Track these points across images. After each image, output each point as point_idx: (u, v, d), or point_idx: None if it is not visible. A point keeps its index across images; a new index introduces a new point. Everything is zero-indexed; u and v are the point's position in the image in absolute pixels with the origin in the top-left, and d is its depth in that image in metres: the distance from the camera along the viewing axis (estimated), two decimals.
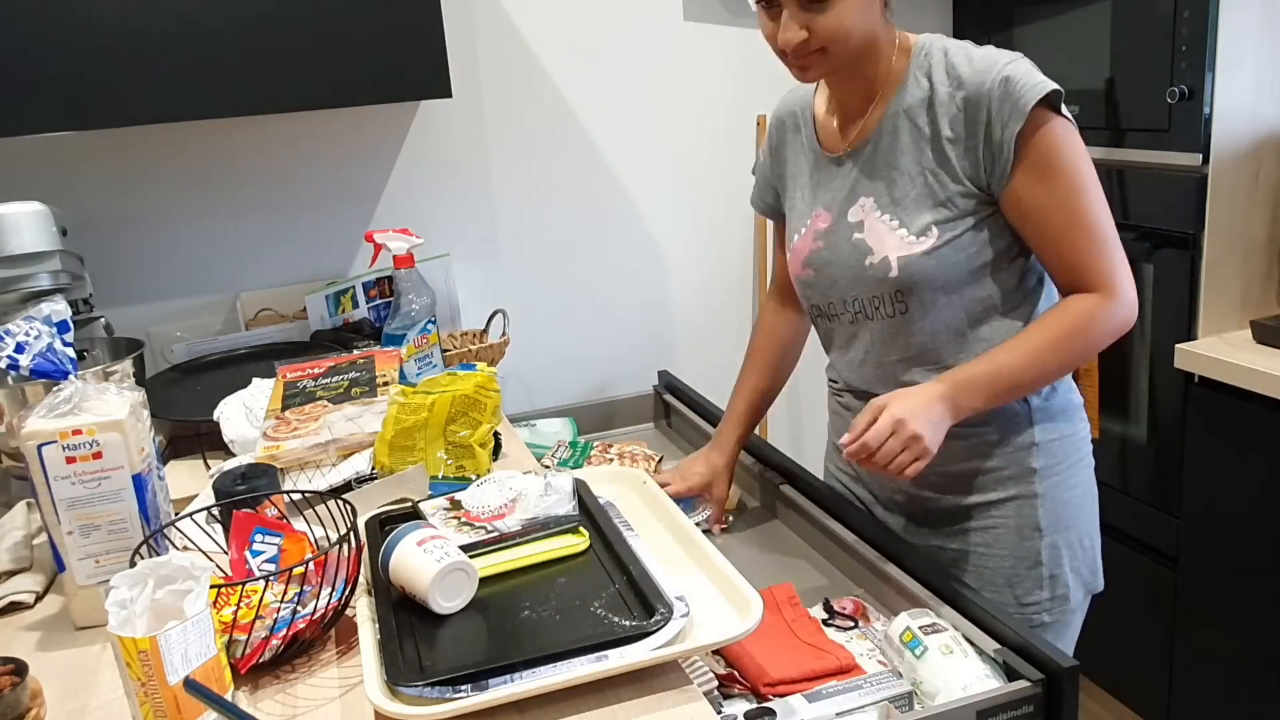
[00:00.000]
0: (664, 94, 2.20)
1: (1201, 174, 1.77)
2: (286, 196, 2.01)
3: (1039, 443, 1.26)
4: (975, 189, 1.17)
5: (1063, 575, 1.27)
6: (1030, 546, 1.26)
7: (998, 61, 1.14)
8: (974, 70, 1.14)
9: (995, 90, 1.12)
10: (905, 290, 1.20)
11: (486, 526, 1.11)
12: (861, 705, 1.00)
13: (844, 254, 1.25)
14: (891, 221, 1.20)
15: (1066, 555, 1.27)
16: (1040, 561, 1.26)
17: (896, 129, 1.20)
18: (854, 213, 1.24)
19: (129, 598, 0.87)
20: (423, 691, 0.85)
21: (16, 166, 1.82)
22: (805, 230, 1.31)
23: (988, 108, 1.13)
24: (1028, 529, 1.26)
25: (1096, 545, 1.32)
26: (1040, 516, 1.26)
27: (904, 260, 1.19)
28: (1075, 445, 1.29)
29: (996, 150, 1.13)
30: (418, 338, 1.63)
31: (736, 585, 0.98)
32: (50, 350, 1.04)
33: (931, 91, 1.17)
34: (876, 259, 1.21)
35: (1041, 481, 1.26)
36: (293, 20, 1.62)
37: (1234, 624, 1.82)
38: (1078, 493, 1.29)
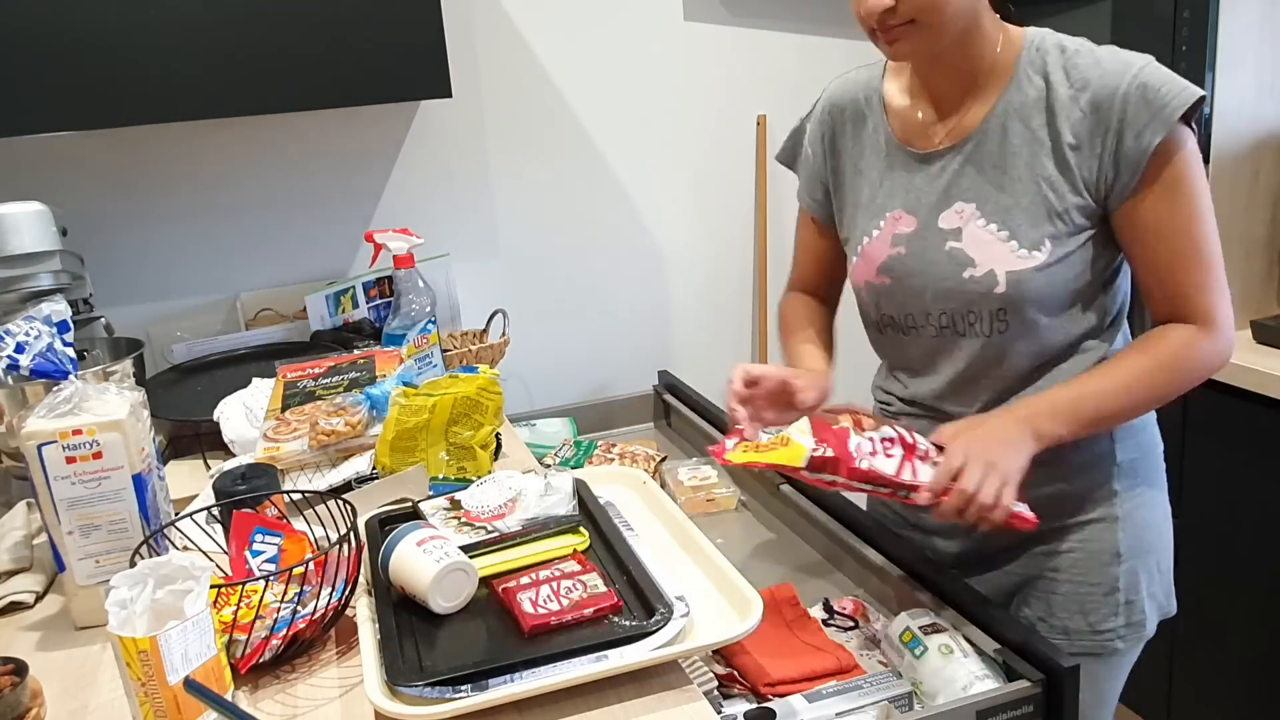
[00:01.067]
0: (664, 94, 2.20)
1: None
2: (286, 196, 2.01)
3: (1121, 463, 1.18)
4: (1092, 202, 1.07)
5: (1139, 601, 1.20)
6: (1108, 573, 1.18)
7: (1131, 64, 1.04)
8: (1104, 72, 1.04)
9: (1131, 94, 1.02)
10: (1010, 308, 1.10)
11: (486, 526, 1.11)
12: (861, 705, 1.00)
13: (935, 263, 1.13)
14: (1000, 232, 1.09)
15: (1144, 581, 1.20)
16: (1117, 588, 1.18)
17: (1006, 129, 1.09)
18: (948, 218, 1.13)
19: (129, 598, 0.87)
20: (423, 691, 0.85)
21: (16, 166, 1.82)
22: (879, 233, 1.18)
23: (1120, 114, 1.03)
24: (1106, 554, 1.18)
25: (1172, 569, 1.24)
26: (1120, 541, 1.18)
27: (1014, 276, 1.08)
28: (1155, 464, 1.22)
29: (1126, 161, 1.04)
30: (418, 338, 1.63)
31: (736, 585, 0.98)
32: (50, 350, 1.04)
33: (1049, 92, 1.07)
34: (979, 271, 1.10)
35: (1122, 504, 1.18)
36: (292, 20, 1.62)
37: (1234, 624, 1.82)
38: (1157, 514, 1.21)
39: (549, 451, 1.77)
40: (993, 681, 1.03)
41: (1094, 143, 1.05)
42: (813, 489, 1.45)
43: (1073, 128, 1.06)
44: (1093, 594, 1.19)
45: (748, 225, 2.34)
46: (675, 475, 1.65)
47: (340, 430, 1.34)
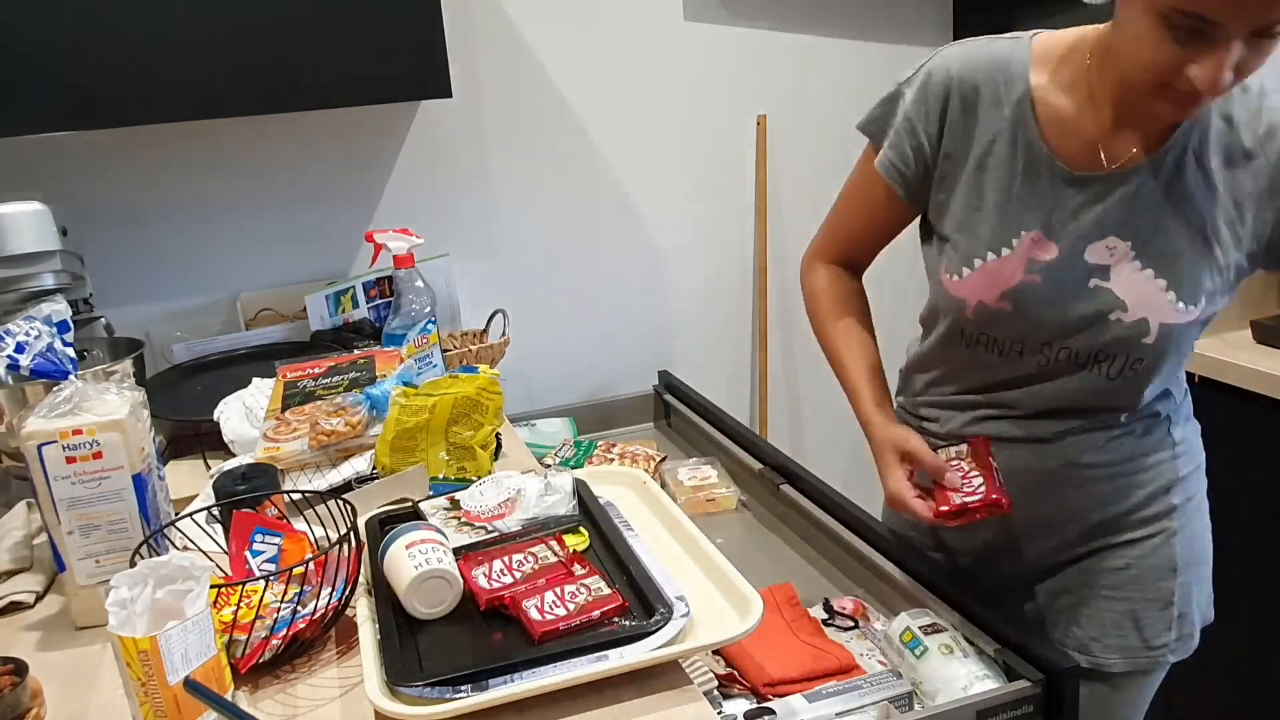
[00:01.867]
0: (664, 94, 2.20)
1: None
2: (286, 196, 2.01)
3: (1181, 477, 1.14)
4: (1248, 262, 1.01)
5: (1191, 614, 1.17)
6: (1164, 588, 1.14)
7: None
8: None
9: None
10: (1152, 356, 1.04)
11: (486, 526, 1.11)
12: (861, 705, 1.00)
13: (1075, 299, 1.04)
14: (1157, 279, 1.00)
15: (1195, 592, 1.17)
16: (1172, 602, 1.15)
17: (1181, 168, 0.99)
18: (1095, 252, 1.02)
19: (129, 598, 0.87)
20: (423, 691, 0.85)
21: (16, 166, 1.82)
22: (1010, 253, 1.06)
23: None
24: (1164, 569, 1.14)
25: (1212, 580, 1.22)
26: (1178, 555, 1.14)
27: (1167, 328, 1.01)
28: (1201, 477, 1.18)
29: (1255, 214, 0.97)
30: (418, 338, 1.63)
31: (736, 585, 0.98)
32: (50, 350, 1.04)
33: (1229, 132, 0.98)
34: (1129, 317, 1.02)
35: (1179, 517, 1.14)
36: (292, 20, 1.61)
37: (1234, 624, 1.82)
38: (1206, 521, 1.18)
39: (549, 451, 1.77)
40: (993, 681, 1.03)
41: (1274, 199, 0.97)
42: (812, 489, 1.46)
43: (1254, 178, 0.98)
44: (1148, 610, 1.15)
45: (748, 225, 2.34)
46: (675, 475, 1.65)
47: (340, 430, 1.34)
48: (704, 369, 2.37)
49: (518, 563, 0.99)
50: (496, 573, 0.97)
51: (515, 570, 0.98)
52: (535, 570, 0.98)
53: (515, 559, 1.00)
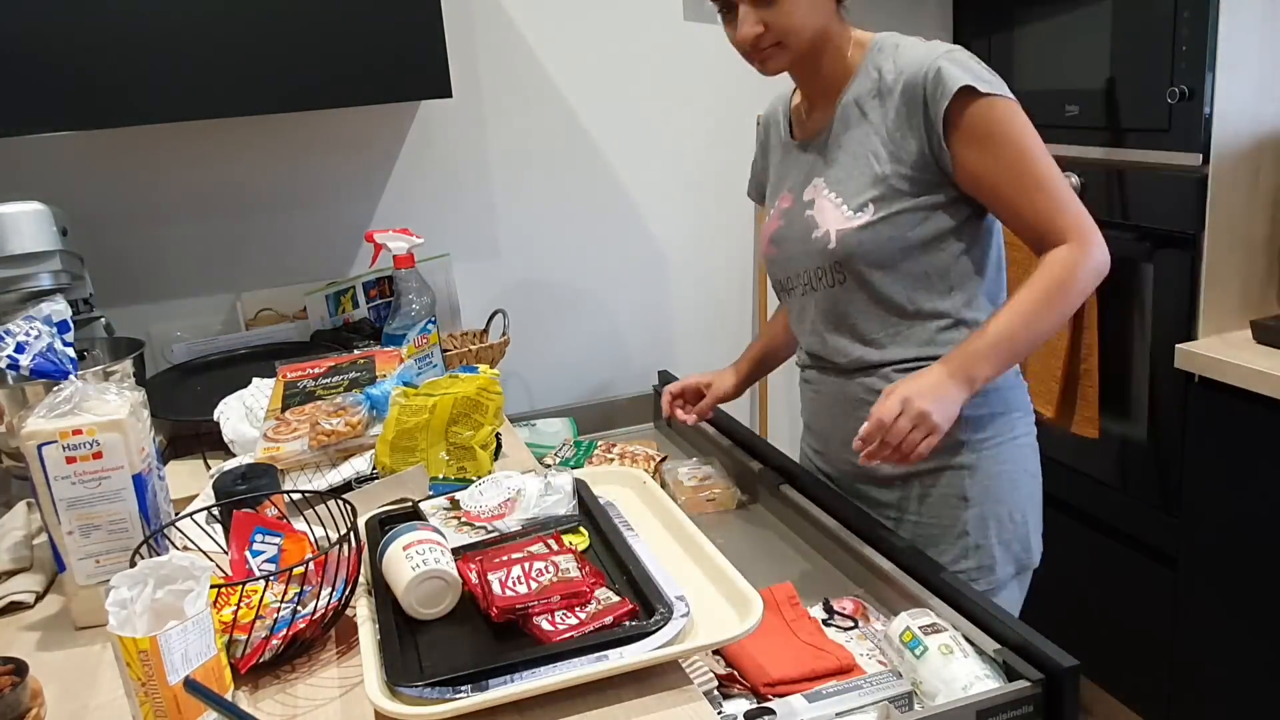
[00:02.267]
0: (664, 94, 2.20)
1: (1201, 174, 1.77)
2: (286, 196, 2.01)
3: (966, 416, 1.28)
4: (917, 171, 1.23)
5: (988, 546, 1.32)
6: (957, 515, 1.32)
7: (936, 49, 1.22)
8: (914, 57, 1.23)
9: (930, 74, 1.20)
10: (842, 262, 1.28)
11: (486, 526, 1.11)
12: (861, 705, 1.00)
13: (797, 230, 1.34)
14: (835, 199, 1.29)
15: (994, 527, 1.32)
16: (966, 531, 1.32)
17: (847, 116, 1.29)
18: (808, 192, 1.33)
19: (129, 598, 0.87)
20: (423, 692, 0.85)
21: (16, 166, 1.82)
22: (774, 212, 1.41)
23: (923, 90, 1.21)
24: (954, 498, 1.32)
25: (1030, 521, 1.36)
26: (966, 487, 1.32)
27: (841, 234, 1.27)
28: (1008, 424, 1.34)
29: (930, 128, 1.21)
30: (418, 338, 1.63)
31: (736, 585, 0.98)
32: (50, 350, 1.04)
33: (879, 80, 1.26)
34: (819, 232, 1.29)
35: (968, 454, 1.31)
36: (293, 20, 1.62)
37: (1234, 624, 1.82)
38: (1009, 468, 1.33)
39: (549, 451, 1.77)
40: (993, 681, 1.03)
41: (911, 115, 1.22)
42: (813, 489, 1.46)
43: (894, 105, 1.24)
44: (943, 535, 1.34)
45: (748, 225, 2.34)
46: (675, 475, 1.65)
47: (340, 430, 1.34)
48: (704, 369, 2.36)
49: (536, 571, 0.99)
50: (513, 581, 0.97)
51: (533, 579, 0.98)
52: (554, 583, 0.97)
53: (536, 567, 0.99)
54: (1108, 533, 2.08)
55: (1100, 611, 2.13)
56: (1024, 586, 1.39)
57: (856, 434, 1.21)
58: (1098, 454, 2.07)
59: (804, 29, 1.23)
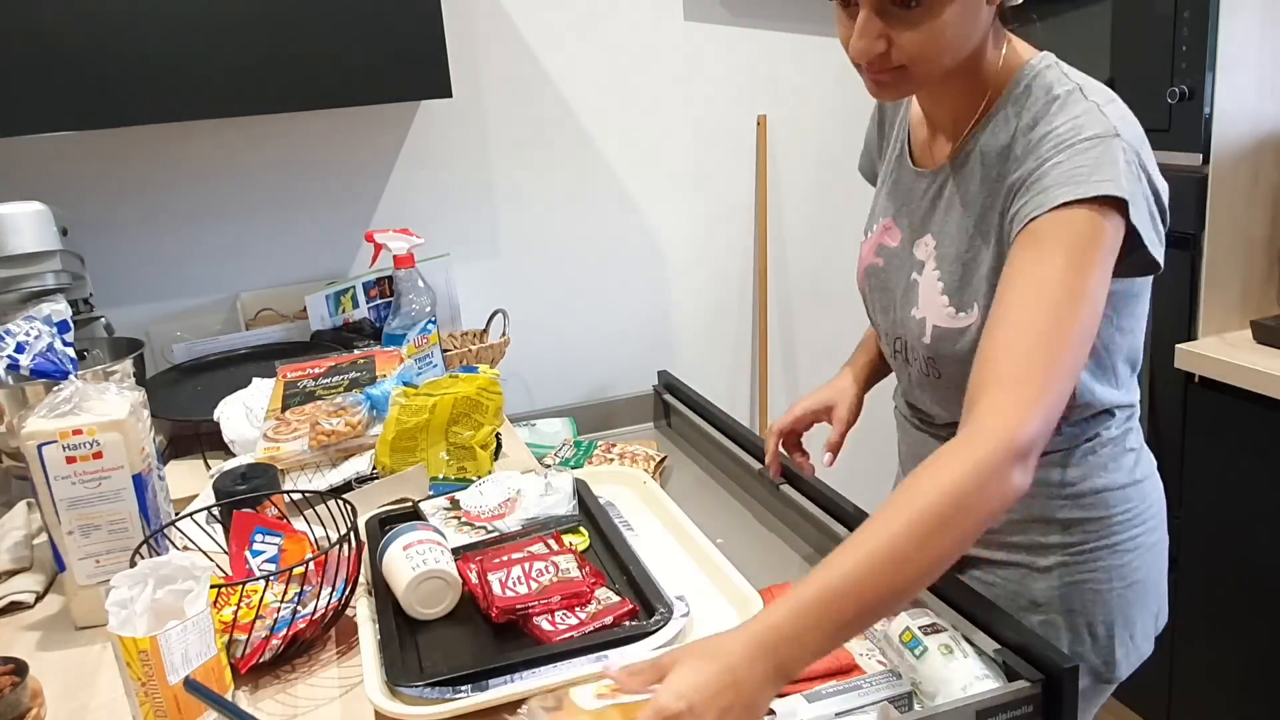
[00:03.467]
0: (664, 94, 2.20)
1: (1201, 174, 1.77)
2: (286, 196, 2.01)
3: (1051, 519, 1.10)
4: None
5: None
6: (1024, 618, 1.13)
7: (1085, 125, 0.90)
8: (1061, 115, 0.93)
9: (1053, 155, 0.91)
10: (938, 360, 1.06)
11: (486, 526, 1.11)
12: (861, 705, 1.00)
13: (898, 288, 1.09)
14: (939, 280, 1.02)
15: (1066, 639, 1.13)
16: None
17: (971, 168, 1.00)
18: (921, 249, 1.06)
19: (129, 598, 0.87)
20: (423, 692, 0.85)
21: (16, 166, 1.82)
22: (872, 235, 1.15)
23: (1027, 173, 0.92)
24: (1023, 599, 1.14)
25: (1122, 632, 1.14)
26: (1038, 592, 1.12)
27: (939, 332, 1.03)
28: (1109, 529, 1.10)
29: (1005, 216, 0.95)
30: (418, 338, 1.63)
31: (736, 585, 0.98)
32: (50, 350, 1.04)
33: (1014, 133, 0.96)
34: (918, 315, 1.05)
35: (1048, 557, 1.12)
36: (293, 20, 1.62)
37: (1234, 624, 1.82)
38: (1100, 576, 1.11)
39: (549, 451, 1.77)
40: (993, 682, 1.03)
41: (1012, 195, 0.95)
42: (813, 488, 1.46)
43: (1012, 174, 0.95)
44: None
45: (748, 225, 2.34)
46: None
47: (340, 430, 1.34)
48: (704, 369, 2.37)
49: (537, 571, 0.99)
50: (514, 581, 0.97)
51: (533, 579, 0.98)
52: (554, 584, 0.97)
53: (536, 567, 0.99)
54: None
55: None
56: (1099, 699, 1.19)
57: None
58: None
59: (942, 55, 0.92)
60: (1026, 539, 1.12)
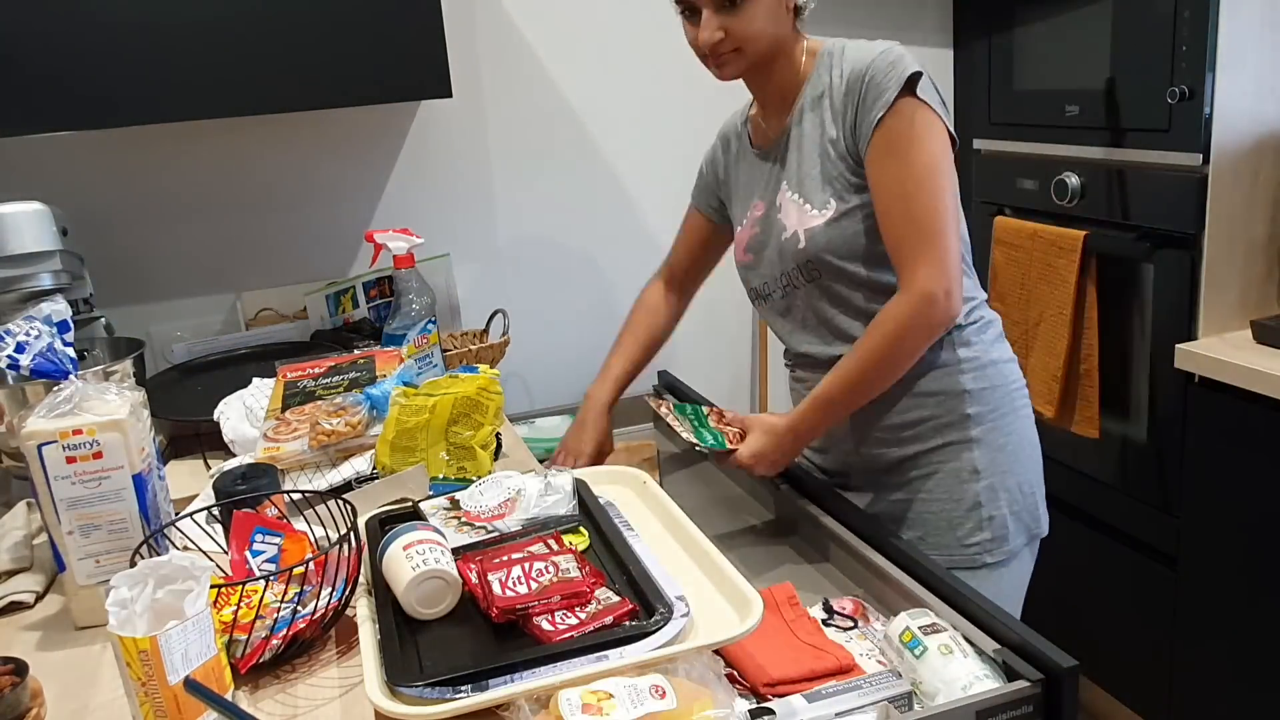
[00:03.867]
0: (664, 94, 2.20)
1: (1201, 174, 1.77)
2: (286, 196, 2.01)
3: (971, 390, 1.34)
4: (855, 164, 1.28)
5: (1001, 516, 1.35)
6: (968, 489, 1.35)
7: (876, 47, 1.27)
8: (858, 56, 1.27)
9: (871, 71, 1.24)
10: (813, 260, 1.32)
11: (486, 526, 1.11)
12: (861, 705, 1.00)
13: (771, 235, 1.38)
14: (798, 199, 1.33)
15: (1005, 498, 1.36)
16: (979, 503, 1.35)
17: (802, 120, 1.34)
18: (777, 198, 1.37)
19: (129, 598, 0.87)
20: (423, 692, 0.85)
21: (16, 166, 1.82)
22: (746, 220, 1.45)
23: (861, 88, 1.25)
24: (965, 472, 1.35)
25: (1037, 492, 1.40)
26: (976, 460, 1.35)
27: (809, 232, 1.31)
28: (1008, 395, 1.37)
29: (862, 127, 1.25)
30: (418, 338, 1.63)
31: (736, 585, 0.98)
32: (50, 350, 1.04)
33: (829, 83, 1.31)
34: (789, 233, 1.34)
35: (975, 427, 1.35)
36: (293, 20, 1.62)
37: (1234, 624, 1.82)
38: (1014, 439, 1.37)
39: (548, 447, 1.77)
40: (992, 681, 1.03)
41: (847, 113, 1.27)
42: (812, 489, 1.46)
43: (838, 105, 1.29)
44: (956, 510, 1.36)
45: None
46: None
47: (340, 430, 1.34)
48: (704, 369, 2.37)
49: (537, 571, 0.99)
50: (514, 581, 0.97)
51: (533, 579, 0.98)
52: (554, 584, 0.97)
53: (536, 567, 0.99)
54: (1108, 533, 2.08)
55: (1100, 611, 2.13)
56: (1034, 555, 1.43)
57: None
58: (1098, 454, 2.07)
59: (761, 36, 1.27)
60: (956, 415, 1.35)
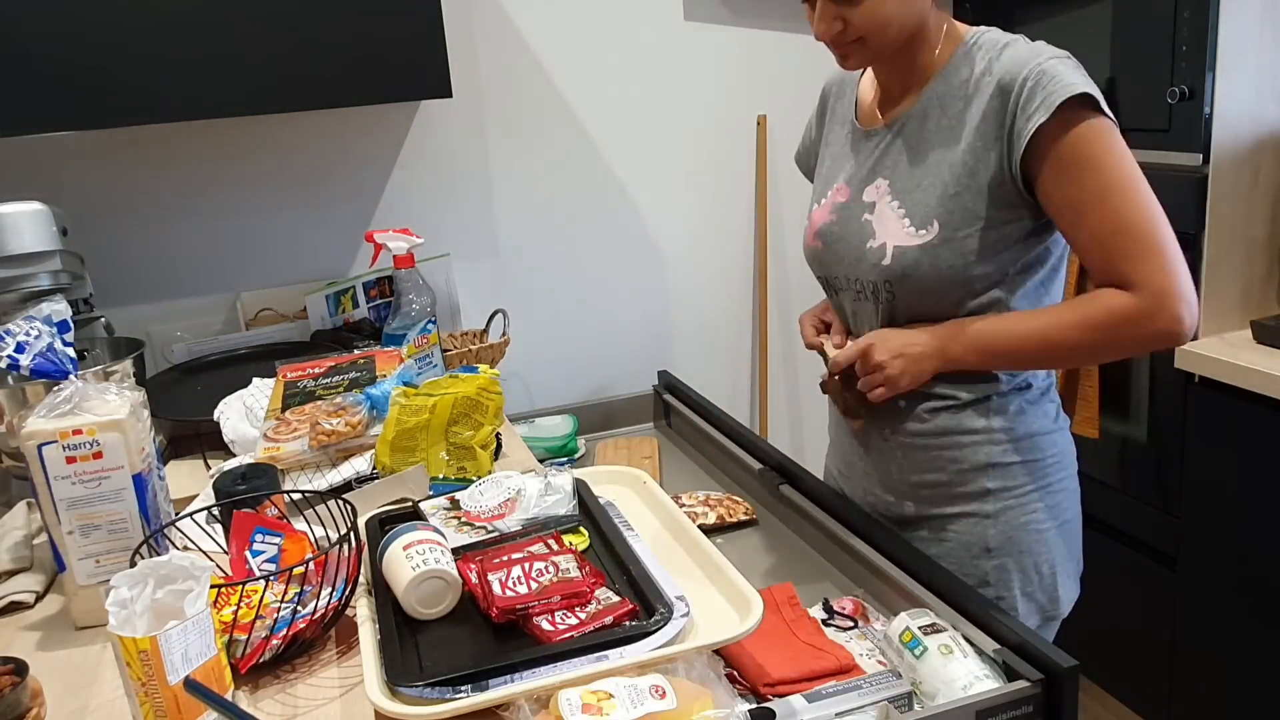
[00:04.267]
0: (664, 94, 2.20)
1: (1201, 174, 1.77)
2: (286, 196, 2.01)
3: (995, 464, 1.23)
4: (994, 190, 1.12)
5: (1010, 599, 1.25)
6: (978, 566, 1.25)
7: (1041, 53, 1.10)
8: (1014, 59, 1.10)
9: (1029, 79, 1.08)
10: (894, 281, 1.19)
11: (486, 526, 1.11)
12: (861, 705, 1.00)
13: (852, 232, 1.24)
14: (898, 209, 1.18)
15: (1017, 580, 1.25)
16: (986, 582, 1.25)
17: (926, 114, 1.18)
18: (869, 192, 1.22)
19: (129, 598, 0.87)
20: (423, 692, 0.85)
21: (16, 166, 1.82)
22: (825, 201, 1.30)
23: (1016, 96, 1.09)
24: (976, 548, 1.25)
25: (1060, 571, 1.27)
26: (989, 538, 1.24)
27: (899, 251, 1.17)
28: (1042, 471, 1.25)
29: (1015, 140, 1.09)
30: (418, 338, 1.63)
31: (736, 585, 0.98)
32: (50, 350, 1.04)
33: (970, 80, 1.14)
34: (876, 243, 1.20)
35: (993, 503, 1.24)
36: (293, 20, 1.62)
37: (1234, 624, 1.82)
38: (1037, 518, 1.25)
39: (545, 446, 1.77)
40: (992, 681, 1.03)
41: (997, 125, 1.11)
42: (812, 488, 1.46)
43: (982, 110, 1.12)
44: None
45: (748, 225, 2.34)
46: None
47: (340, 430, 1.34)
48: (704, 369, 2.37)
49: (537, 571, 0.99)
50: (514, 581, 0.97)
51: (533, 579, 0.98)
52: (554, 584, 0.97)
53: (536, 567, 0.99)
54: (1108, 533, 2.08)
55: (1100, 611, 2.13)
56: (1050, 635, 1.31)
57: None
58: (1098, 454, 2.07)
59: (890, 25, 1.12)
60: (974, 487, 1.24)
